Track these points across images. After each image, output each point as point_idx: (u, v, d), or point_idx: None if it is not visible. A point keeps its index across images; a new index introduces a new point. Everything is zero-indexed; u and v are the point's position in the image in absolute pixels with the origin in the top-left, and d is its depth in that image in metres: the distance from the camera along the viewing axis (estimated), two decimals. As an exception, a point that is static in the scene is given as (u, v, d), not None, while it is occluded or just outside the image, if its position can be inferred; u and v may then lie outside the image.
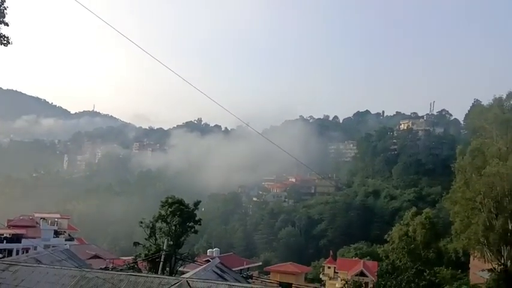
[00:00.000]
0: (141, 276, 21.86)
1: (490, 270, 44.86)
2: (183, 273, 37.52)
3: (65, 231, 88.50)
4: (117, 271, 30.28)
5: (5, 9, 22.65)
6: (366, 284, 67.84)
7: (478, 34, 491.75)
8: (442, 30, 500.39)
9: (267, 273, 78.49)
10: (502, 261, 41.04)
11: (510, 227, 40.23)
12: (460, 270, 67.75)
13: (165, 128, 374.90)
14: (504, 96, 46.27)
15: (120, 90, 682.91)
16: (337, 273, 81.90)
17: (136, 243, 50.28)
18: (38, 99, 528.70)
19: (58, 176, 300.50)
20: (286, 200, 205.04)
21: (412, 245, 57.85)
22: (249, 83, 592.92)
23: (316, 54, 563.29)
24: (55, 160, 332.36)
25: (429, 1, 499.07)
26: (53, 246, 54.65)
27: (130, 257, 58.09)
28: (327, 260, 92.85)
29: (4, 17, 22.65)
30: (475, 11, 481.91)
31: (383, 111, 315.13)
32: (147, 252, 45.59)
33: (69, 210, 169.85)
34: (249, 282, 34.53)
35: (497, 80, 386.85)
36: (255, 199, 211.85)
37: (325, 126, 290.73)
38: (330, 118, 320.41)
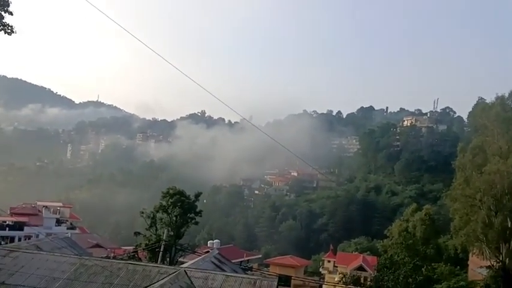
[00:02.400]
0: (140, 265, 22.17)
1: (488, 267, 44.99)
2: (182, 263, 37.86)
3: (67, 220, 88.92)
4: (117, 260, 30.62)
5: (9, -2, 22.85)
6: (365, 278, 68.21)
7: (483, 32, 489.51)
8: (448, 27, 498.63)
9: (267, 265, 78.75)
10: (501, 259, 41.20)
11: (509, 225, 40.36)
12: (458, 267, 67.73)
13: (169, 120, 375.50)
14: (506, 95, 46.15)
15: (124, 81, 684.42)
16: (337, 267, 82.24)
17: (137, 233, 50.79)
18: (42, 88, 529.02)
19: (61, 165, 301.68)
20: (288, 193, 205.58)
21: (411, 241, 58.01)
22: (253, 76, 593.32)
23: (321, 49, 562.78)
24: (59, 149, 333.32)
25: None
26: (54, 235, 55.14)
27: (131, 247, 58.57)
28: (327, 254, 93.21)
29: (8, 6, 22.86)
30: (482, 10, 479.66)
31: (387, 108, 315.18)
32: (147, 242, 46.10)
33: (72, 199, 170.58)
34: (247, 274, 34.84)
35: (501, 78, 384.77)
36: (256, 192, 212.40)
37: (328, 121, 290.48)
38: (334, 113, 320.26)
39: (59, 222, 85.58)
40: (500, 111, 44.07)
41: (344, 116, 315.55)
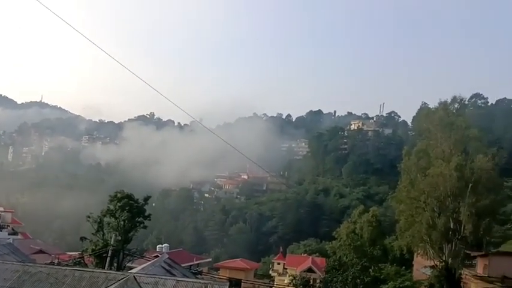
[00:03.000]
0: (87, 271, 21.49)
1: (432, 266, 46.61)
2: (131, 268, 37.07)
3: (8, 225, 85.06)
4: (63, 266, 29.60)
5: None
6: (314, 280, 69.15)
7: (428, 39, 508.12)
8: (393, 32, 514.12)
9: (217, 269, 78.47)
10: (444, 258, 42.64)
11: (452, 226, 41.84)
12: (404, 267, 69.99)
13: (116, 122, 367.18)
14: (449, 100, 47.98)
15: (70, 81, 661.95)
16: (286, 269, 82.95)
17: (83, 238, 49.40)
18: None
19: (2, 168, 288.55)
20: (238, 196, 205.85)
21: (359, 242, 59.33)
22: (203, 79, 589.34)
23: (270, 52, 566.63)
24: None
25: (381, 6, 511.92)
26: (-6, 241, 52.63)
27: (76, 253, 56.88)
28: (277, 256, 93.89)
29: None
30: (425, 17, 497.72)
31: (335, 111, 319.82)
32: (94, 247, 44.88)
33: (14, 203, 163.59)
34: (198, 278, 34.53)
35: (444, 84, 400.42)
36: (207, 195, 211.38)
37: (278, 124, 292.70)
38: (284, 116, 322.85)
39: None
40: (443, 116, 45.69)
41: (294, 119, 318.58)
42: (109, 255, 36.87)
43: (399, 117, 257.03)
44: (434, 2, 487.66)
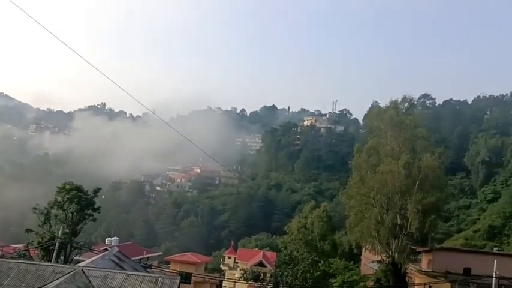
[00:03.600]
0: (33, 264, 20.86)
1: (379, 261, 47.94)
2: (78, 262, 36.23)
3: None
4: (7, 259, 28.56)
5: None
6: (265, 273, 69.74)
7: (380, 39, 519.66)
8: (346, 32, 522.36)
9: (168, 263, 77.72)
10: (390, 254, 43.90)
11: (399, 222, 43.11)
12: (352, 262, 71.67)
13: (66, 111, 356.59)
14: (399, 100, 49.32)
15: (18, 68, 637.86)
16: (237, 263, 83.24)
17: (28, 230, 47.85)
18: None
19: None
20: (191, 190, 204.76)
21: (309, 237, 60.09)
22: (155, 71, 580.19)
23: (225, 47, 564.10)
24: None
25: (338, 4, 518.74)
26: None
27: (21, 245, 55.08)
28: (228, 250, 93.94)
29: None
30: (378, 16, 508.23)
31: (288, 107, 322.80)
32: (40, 239, 43.62)
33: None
34: (148, 272, 34.12)
35: (394, 83, 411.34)
36: (158, 188, 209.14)
37: (232, 119, 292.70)
38: (238, 111, 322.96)
39: None
40: (393, 115, 46.94)
41: (248, 114, 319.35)
42: (56, 248, 35.82)
43: (351, 114, 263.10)
44: (387, 1, 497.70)
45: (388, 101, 50.28)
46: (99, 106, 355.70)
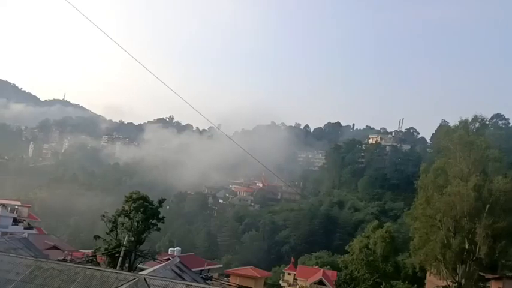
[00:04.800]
0: (98, 270, 21.62)
1: (444, 287, 45.94)
2: (142, 270, 37.16)
3: (24, 220, 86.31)
4: (75, 263, 29.88)
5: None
6: (324, 292, 68.62)
7: (450, 57, 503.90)
8: (414, 49, 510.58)
9: (228, 275, 78.31)
10: (457, 279, 42.09)
11: (466, 246, 41.29)
12: (416, 285, 69.05)
13: (136, 123, 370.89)
14: (470, 119, 47.52)
15: (93, 81, 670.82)
16: (297, 280, 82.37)
17: (96, 237, 49.68)
18: (7, 83, 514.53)
19: (22, 163, 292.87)
20: (252, 204, 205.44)
21: (371, 257, 58.72)
22: (223, 86, 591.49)
23: (290, 64, 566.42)
24: (20, 147, 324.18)
25: (405, 23, 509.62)
26: (10, 234, 53.47)
27: (89, 250, 57.30)
28: (288, 266, 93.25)
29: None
30: (446, 35, 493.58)
31: (353, 124, 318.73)
32: (107, 246, 45.12)
33: (31, 198, 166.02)
34: (208, 283, 34.53)
35: (465, 103, 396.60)
36: (221, 201, 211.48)
37: (296, 134, 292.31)
38: (302, 127, 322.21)
39: (16, 221, 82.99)
40: (463, 134, 45.24)
41: (311, 130, 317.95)
42: (121, 255, 37.06)
43: (418, 133, 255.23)
44: (456, 20, 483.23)
45: (458, 120, 48.55)
46: (167, 119, 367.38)
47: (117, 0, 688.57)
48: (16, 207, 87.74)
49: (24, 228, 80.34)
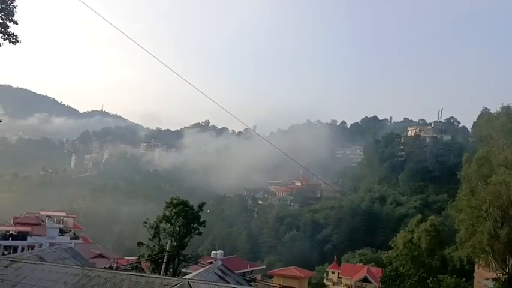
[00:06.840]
0: (143, 276, 21.95)
1: (494, 279, 44.48)
2: (185, 274, 37.54)
3: (70, 230, 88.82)
4: (120, 271, 30.42)
5: (14, 7, 22.94)
6: (369, 290, 67.71)
7: (487, 43, 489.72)
8: (452, 39, 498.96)
9: (271, 276, 78.21)
10: (507, 271, 40.73)
11: (515, 237, 39.89)
12: (464, 279, 67.21)
13: (173, 130, 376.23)
14: (512, 105, 45.99)
15: (129, 91, 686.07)
16: (341, 278, 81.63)
17: (140, 244, 50.42)
18: (47, 97, 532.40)
19: (65, 174, 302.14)
20: (292, 204, 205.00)
21: (416, 252, 57.39)
22: (256, 87, 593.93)
23: (323, 60, 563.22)
24: (63, 159, 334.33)
25: (440, 11, 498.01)
26: (57, 245, 54.94)
27: (134, 257, 58.23)
28: (331, 265, 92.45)
29: (13, 15, 22.93)
30: (483, 21, 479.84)
31: (391, 117, 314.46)
32: (150, 252, 45.70)
33: (75, 209, 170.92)
34: (251, 285, 34.59)
35: (505, 88, 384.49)
36: (260, 202, 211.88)
37: (332, 131, 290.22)
38: (338, 123, 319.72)
39: (62, 232, 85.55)
40: (505, 121, 43.85)
41: (348, 126, 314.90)
42: (165, 260, 37.51)
43: (459, 123, 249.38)
44: (501, 5, 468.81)
45: (500, 106, 47.02)
46: (203, 124, 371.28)
47: (152, 9, 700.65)
48: (62, 218, 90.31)
49: (70, 238, 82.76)
